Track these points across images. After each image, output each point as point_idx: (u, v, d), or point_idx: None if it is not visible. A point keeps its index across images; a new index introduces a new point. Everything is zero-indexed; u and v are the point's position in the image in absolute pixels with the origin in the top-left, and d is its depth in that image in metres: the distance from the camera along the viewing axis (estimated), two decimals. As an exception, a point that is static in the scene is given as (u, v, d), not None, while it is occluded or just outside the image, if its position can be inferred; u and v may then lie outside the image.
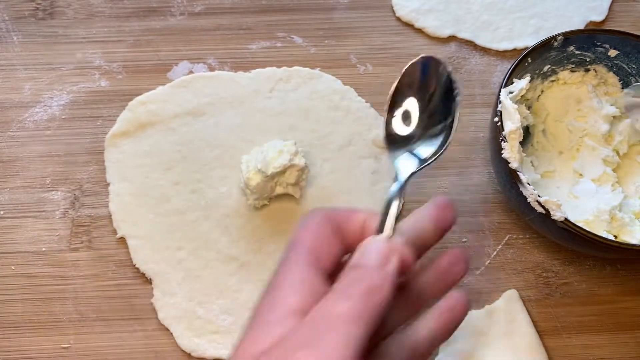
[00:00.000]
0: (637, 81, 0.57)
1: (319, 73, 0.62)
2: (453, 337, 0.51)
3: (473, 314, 0.52)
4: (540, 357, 0.50)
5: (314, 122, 0.60)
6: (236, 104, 0.60)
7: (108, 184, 0.57)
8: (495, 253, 0.55)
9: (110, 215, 0.56)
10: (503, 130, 0.50)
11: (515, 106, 0.51)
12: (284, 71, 0.62)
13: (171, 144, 0.58)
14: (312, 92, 0.61)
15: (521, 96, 0.56)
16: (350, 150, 0.59)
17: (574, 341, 0.52)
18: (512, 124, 0.50)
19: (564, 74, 0.58)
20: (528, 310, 0.53)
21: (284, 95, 0.61)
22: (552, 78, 0.58)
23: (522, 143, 0.53)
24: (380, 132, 0.39)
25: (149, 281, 0.53)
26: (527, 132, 0.57)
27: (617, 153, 0.57)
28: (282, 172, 0.53)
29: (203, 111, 0.60)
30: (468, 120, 0.61)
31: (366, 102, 0.61)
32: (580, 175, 0.56)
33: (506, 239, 0.56)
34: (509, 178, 0.50)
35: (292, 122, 0.60)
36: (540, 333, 0.52)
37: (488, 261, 0.55)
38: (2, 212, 0.56)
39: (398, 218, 0.33)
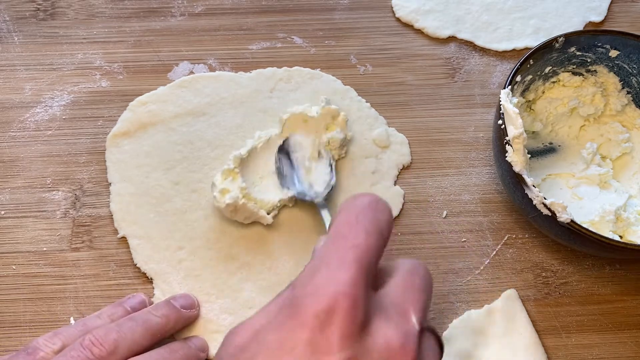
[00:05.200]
0: (638, 81, 0.57)
1: (319, 73, 0.63)
2: (453, 337, 0.51)
3: (472, 313, 0.52)
4: (539, 357, 0.51)
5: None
6: (237, 104, 0.60)
7: (109, 184, 0.57)
8: (494, 253, 0.56)
9: (111, 215, 0.56)
10: (506, 134, 0.50)
11: (517, 110, 0.50)
12: (284, 71, 0.62)
13: (172, 144, 0.58)
14: (312, 92, 0.61)
15: (523, 97, 0.56)
16: (350, 150, 0.59)
17: (573, 341, 0.52)
18: (515, 129, 0.50)
19: (564, 76, 0.58)
20: (527, 310, 0.53)
21: (284, 95, 0.61)
22: (554, 79, 0.58)
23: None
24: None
25: (149, 281, 0.53)
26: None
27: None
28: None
29: (203, 111, 0.60)
30: (467, 120, 0.61)
31: (366, 102, 0.61)
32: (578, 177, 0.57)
33: (505, 238, 0.56)
34: (514, 180, 0.50)
35: (292, 122, 0.60)
36: (539, 332, 0.52)
37: (487, 261, 0.55)
38: (3, 212, 0.56)
39: None
